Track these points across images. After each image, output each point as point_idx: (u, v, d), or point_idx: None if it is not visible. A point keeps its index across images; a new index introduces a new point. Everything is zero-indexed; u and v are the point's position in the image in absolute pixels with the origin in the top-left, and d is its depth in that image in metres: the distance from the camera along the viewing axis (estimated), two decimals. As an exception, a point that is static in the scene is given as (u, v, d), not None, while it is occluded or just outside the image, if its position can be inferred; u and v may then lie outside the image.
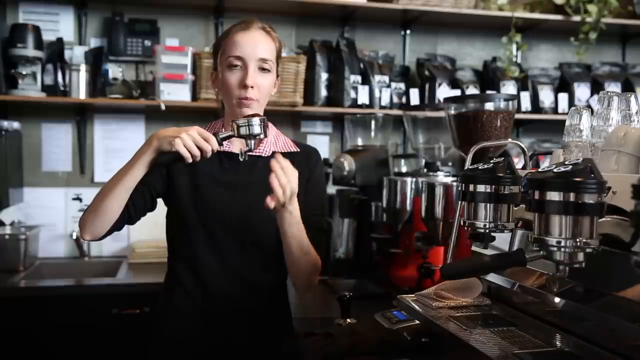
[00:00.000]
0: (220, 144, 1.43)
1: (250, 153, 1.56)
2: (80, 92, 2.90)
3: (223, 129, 1.60)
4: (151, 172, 1.46)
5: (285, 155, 1.61)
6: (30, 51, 2.82)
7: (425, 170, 2.45)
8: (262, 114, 1.60)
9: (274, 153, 1.60)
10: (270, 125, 1.65)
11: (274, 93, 1.65)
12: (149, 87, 3.06)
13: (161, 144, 1.39)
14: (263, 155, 1.59)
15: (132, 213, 1.49)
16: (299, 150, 1.65)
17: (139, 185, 1.46)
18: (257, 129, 1.44)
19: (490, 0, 3.32)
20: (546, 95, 3.44)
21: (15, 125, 2.90)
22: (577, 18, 3.27)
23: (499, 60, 3.48)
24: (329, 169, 2.80)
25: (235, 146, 1.58)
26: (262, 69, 1.54)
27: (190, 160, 1.38)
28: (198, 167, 1.54)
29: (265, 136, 1.48)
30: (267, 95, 1.59)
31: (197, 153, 1.38)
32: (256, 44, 1.54)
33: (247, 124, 1.43)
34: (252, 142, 1.46)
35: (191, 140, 1.37)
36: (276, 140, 1.64)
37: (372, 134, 2.94)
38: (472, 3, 3.26)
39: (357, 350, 1.58)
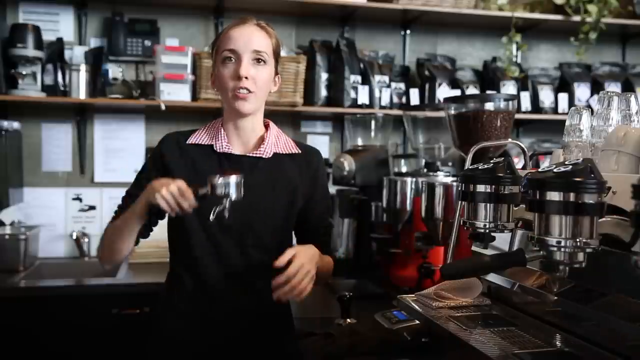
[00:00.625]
0: (197, 202, 1.40)
1: (251, 154, 1.55)
2: (80, 92, 2.90)
3: (222, 129, 1.59)
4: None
5: (286, 156, 1.61)
6: (30, 51, 2.82)
7: (425, 170, 2.45)
8: (261, 110, 1.60)
9: (274, 154, 1.60)
10: (271, 124, 1.64)
11: (274, 90, 1.63)
12: (149, 87, 3.06)
13: (149, 197, 1.43)
14: (264, 156, 1.58)
15: (142, 238, 1.59)
16: (300, 151, 1.64)
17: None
18: (232, 190, 1.39)
19: (490, 0, 3.32)
20: (546, 95, 3.44)
21: (15, 125, 2.90)
22: (577, 18, 3.27)
23: (499, 60, 3.48)
24: (329, 169, 2.80)
25: (235, 147, 1.58)
26: (257, 61, 1.53)
27: (173, 214, 1.41)
28: (198, 168, 1.54)
29: (241, 197, 1.42)
30: (265, 89, 1.56)
31: (177, 208, 1.39)
32: (250, 37, 1.52)
33: (223, 183, 1.39)
34: (227, 201, 1.41)
35: (170, 196, 1.38)
36: (277, 141, 1.62)
37: (372, 134, 2.94)
38: (472, 3, 3.26)
39: (357, 350, 1.58)
